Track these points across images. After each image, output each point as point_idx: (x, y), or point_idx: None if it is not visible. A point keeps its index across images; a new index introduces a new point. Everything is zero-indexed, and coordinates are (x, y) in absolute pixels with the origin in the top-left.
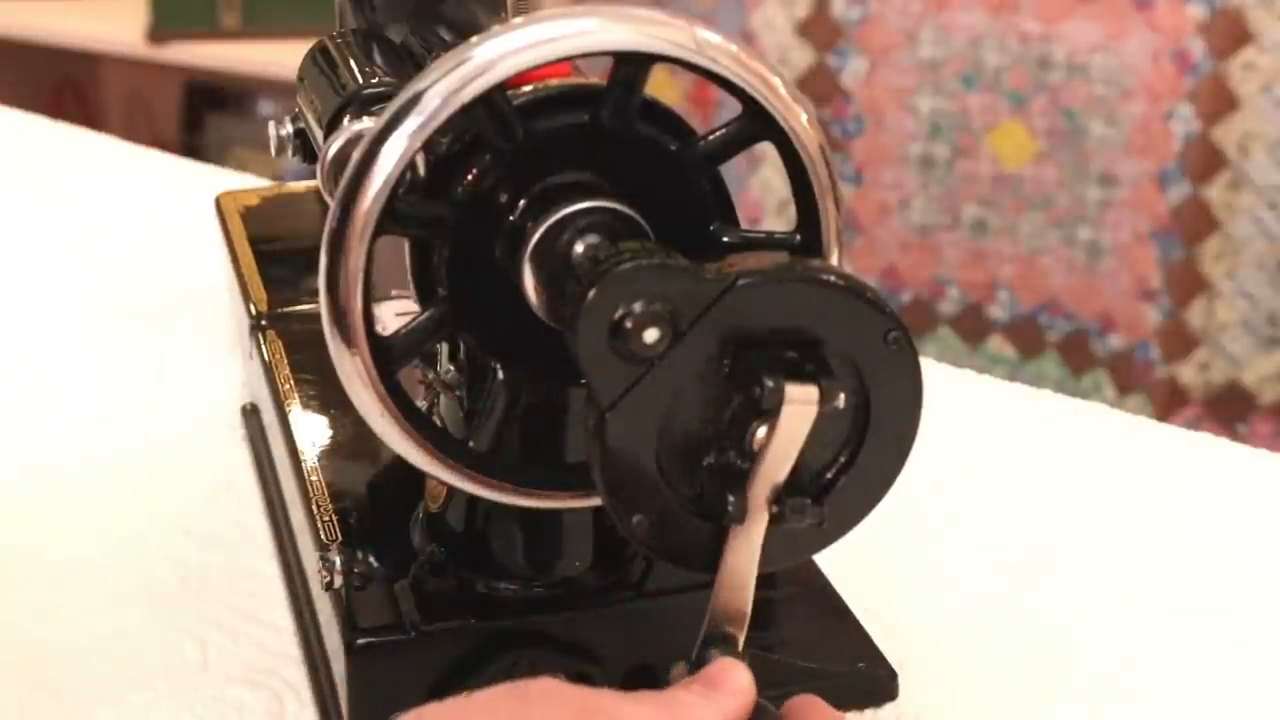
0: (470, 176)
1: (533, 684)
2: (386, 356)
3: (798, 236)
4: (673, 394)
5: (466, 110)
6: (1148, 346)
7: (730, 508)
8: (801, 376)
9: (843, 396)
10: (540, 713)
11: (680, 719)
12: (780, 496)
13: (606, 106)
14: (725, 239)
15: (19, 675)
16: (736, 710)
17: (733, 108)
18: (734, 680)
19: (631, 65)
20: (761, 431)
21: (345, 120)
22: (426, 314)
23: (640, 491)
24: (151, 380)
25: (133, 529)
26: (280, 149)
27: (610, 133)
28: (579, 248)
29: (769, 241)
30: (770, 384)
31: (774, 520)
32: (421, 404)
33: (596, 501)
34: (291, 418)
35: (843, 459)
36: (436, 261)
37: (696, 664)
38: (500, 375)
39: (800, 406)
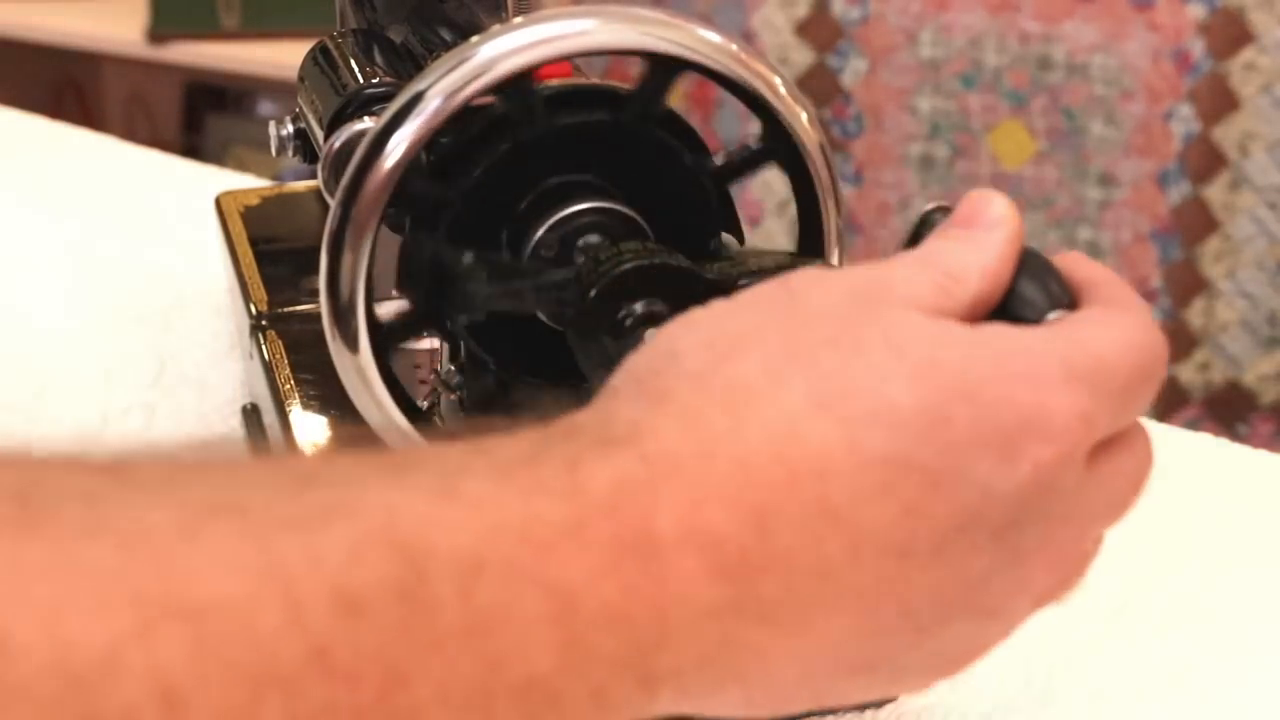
0: (479, 170)
1: (794, 275)
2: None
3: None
4: None
5: (498, 89)
6: None
7: None
8: None
9: None
10: (813, 303)
11: (949, 270)
12: None
13: (630, 109)
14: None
15: None
16: (1005, 243)
17: (733, 107)
18: (991, 210)
19: (661, 70)
20: None
21: (346, 120)
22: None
23: None
24: (151, 380)
25: None
26: (280, 149)
27: (629, 136)
28: (580, 247)
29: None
30: None
31: None
32: (422, 404)
33: None
34: (292, 418)
35: None
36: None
37: (917, 234)
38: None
39: None
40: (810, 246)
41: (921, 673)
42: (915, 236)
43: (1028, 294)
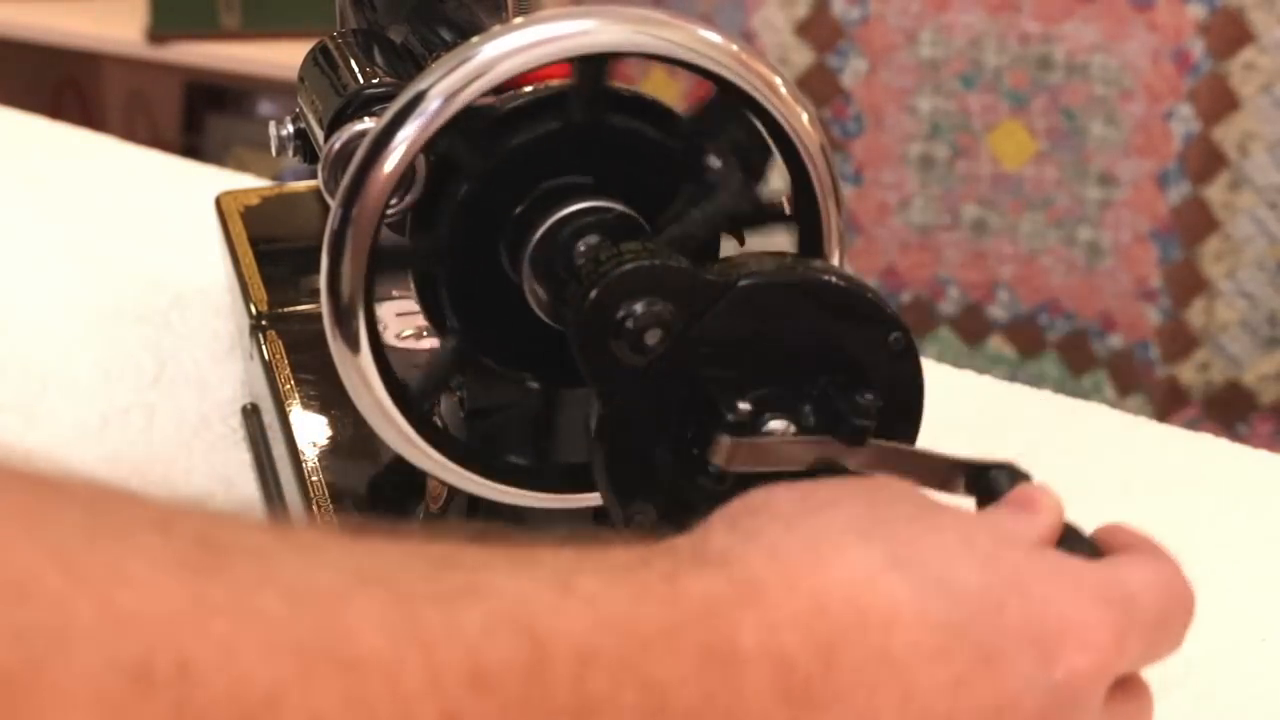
0: (460, 196)
1: (877, 480)
2: (409, 398)
3: (784, 200)
4: (673, 395)
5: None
6: (1148, 346)
7: None
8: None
9: (785, 424)
10: (893, 492)
11: (1004, 535)
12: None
13: (574, 107)
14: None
15: None
16: (1051, 526)
17: None
18: (1043, 499)
19: (589, 64)
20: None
21: (346, 120)
22: (443, 349)
23: (641, 491)
24: (151, 380)
25: None
26: (280, 149)
27: (586, 130)
28: (579, 248)
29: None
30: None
31: (861, 432)
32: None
33: (597, 501)
34: (291, 418)
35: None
36: (441, 291)
37: (986, 496)
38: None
39: (730, 454)
40: (810, 246)
41: None
42: (979, 483)
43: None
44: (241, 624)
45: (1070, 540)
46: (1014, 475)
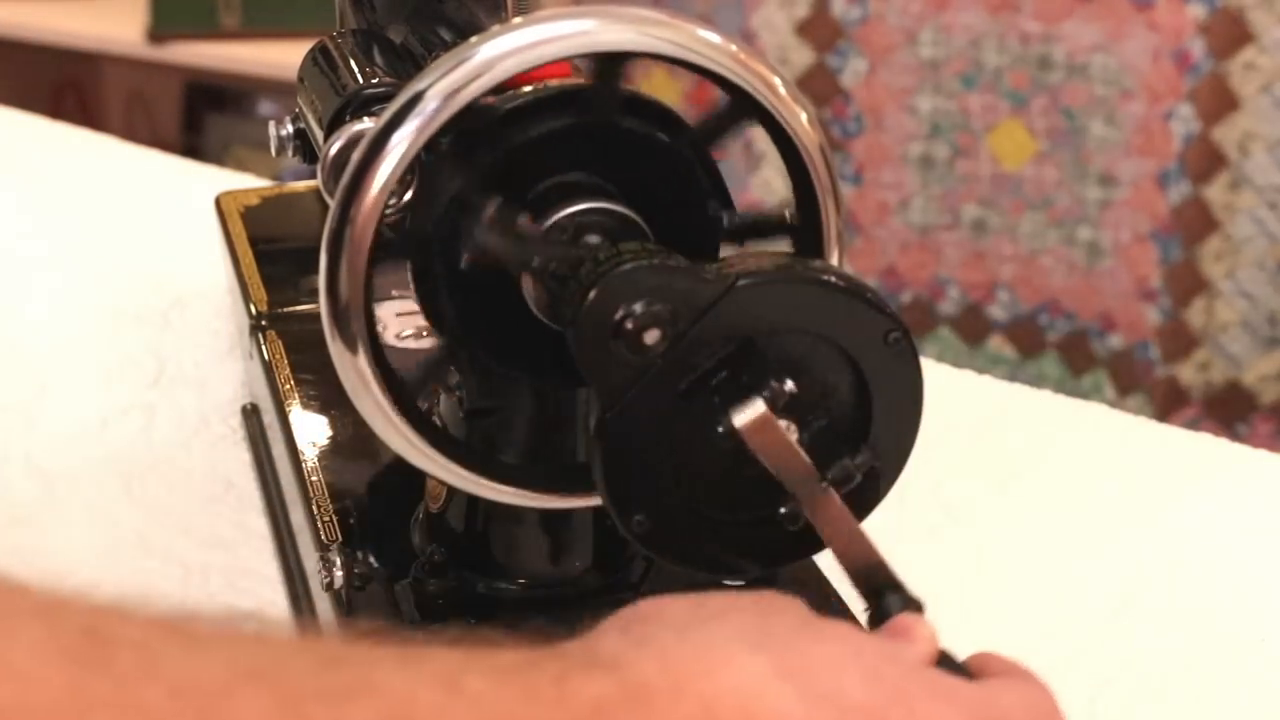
0: (458, 191)
1: (766, 595)
2: (402, 388)
3: (787, 212)
4: (672, 394)
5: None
6: (1148, 346)
7: (786, 517)
8: (739, 395)
9: (789, 384)
10: (781, 605)
11: (888, 652)
12: (822, 469)
13: (589, 105)
14: (724, 222)
15: None
16: (927, 654)
17: None
18: (919, 629)
19: (611, 62)
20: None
21: (346, 120)
22: (439, 342)
23: (641, 492)
24: (151, 380)
25: (133, 529)
26: (280, 149)
27: (597, 130)
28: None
29: (760, 219)
30: (723, 428)
31: (839, 486)
32: (422, 404)
33: (597, 501)
34: (291, 418)
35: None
36: (440, 285)
37: (877, 617)
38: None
39: (758, 424)
40: (810, 246)
41: None
42: (873, 603)
43: None
44: (123, 718)
45: (944, 665)
46: (905, 601)
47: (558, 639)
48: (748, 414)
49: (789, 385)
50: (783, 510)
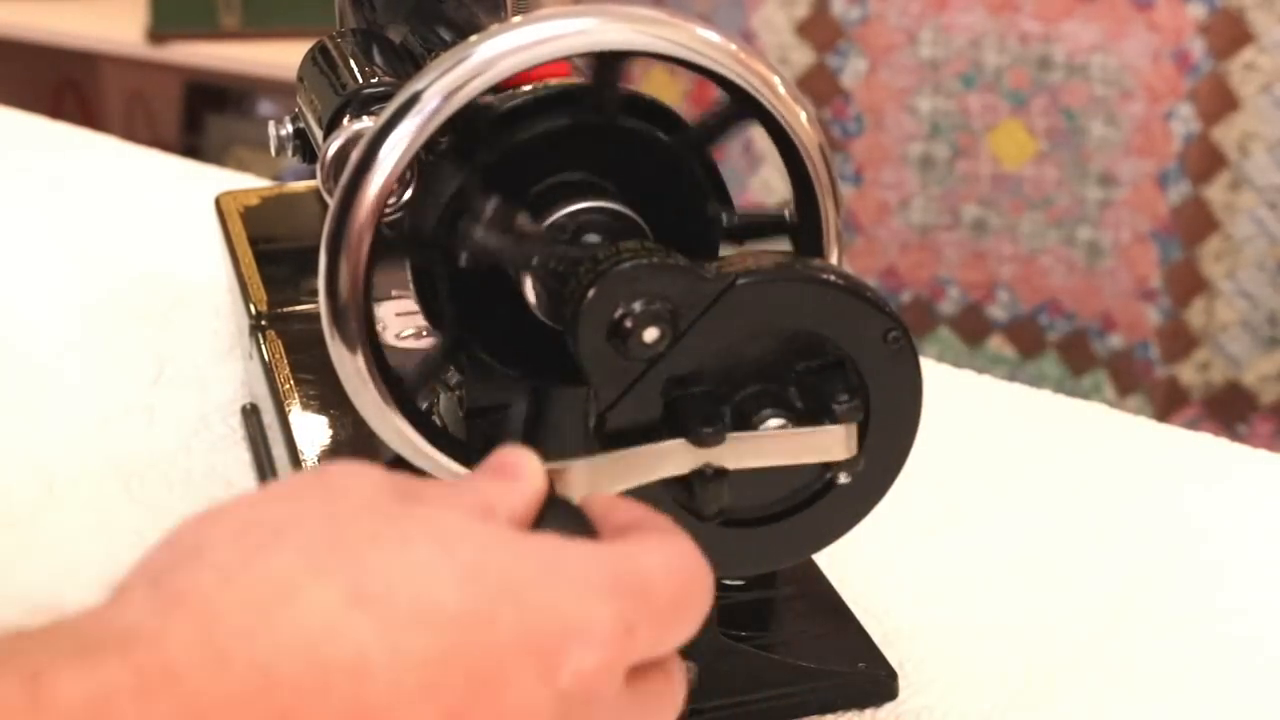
0: (458, 191)
1: (332, 467)
2: (401, 388)
3: (786, 211)
4: (671, 393)
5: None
6: (1148, 346)
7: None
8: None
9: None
10: (352, 495)
11: (486, 501)
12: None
13: (589, 104)
14: (723, 221)
15: None
16: (533, 491)
17: None
18: (525, 464)
19: (610, 61)
20: None
21: (345, 120)
22: (438, 341)
23: (639, 489)
24: (151, 380)
25: (133, 529)
26: (280, 149)
27: (596, 130)
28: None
29: (760, 218)
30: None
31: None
32: (422, 404)
33: None
34: (291, 418)
35: None
36: (439, 284)
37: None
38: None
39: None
40: (810, 246)
41: None
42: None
43: (547, 530)
44: None
45: (556, 512)
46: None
47: None
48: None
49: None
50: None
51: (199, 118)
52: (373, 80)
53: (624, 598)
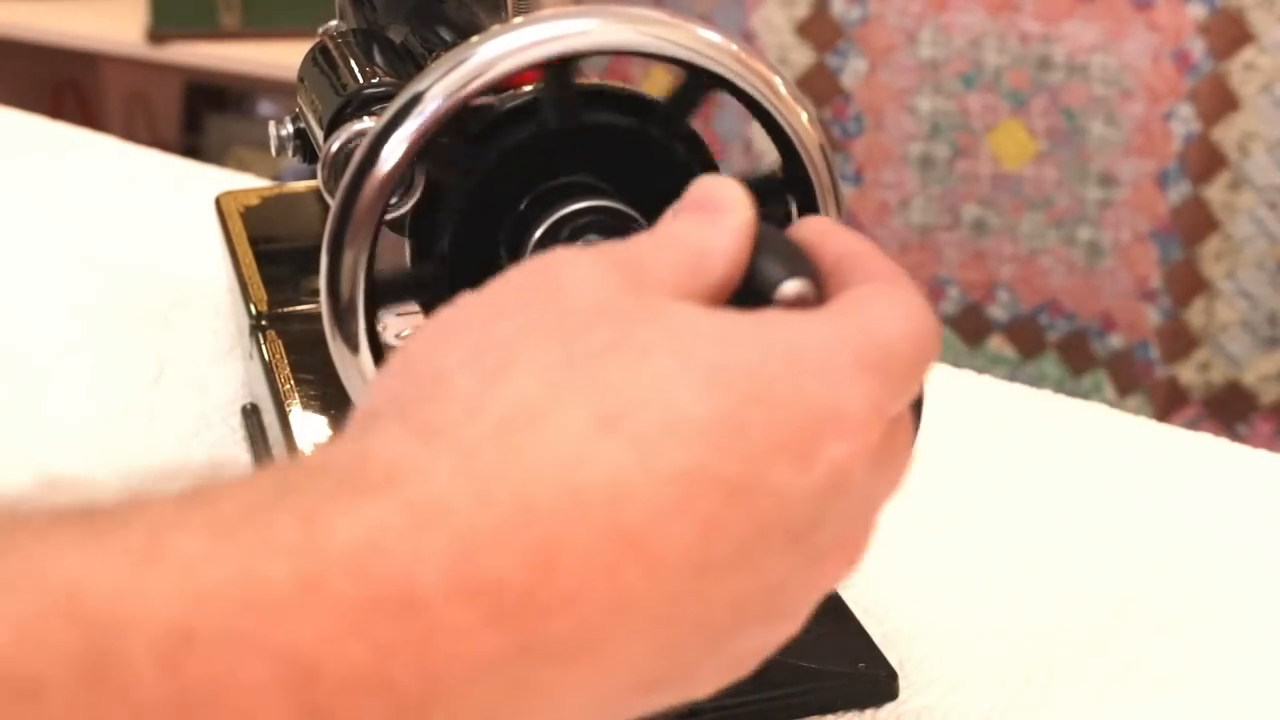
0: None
1: (550, 259)
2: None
3: (779, 174)
4: None
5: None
6: (1148, 346)
7: None
8: None
9: None
10: (580, 294)
11: (697, 249)
12: None
13: (543, 111)
14: None
15: None
16: (743, 225)
17: (733, 107)
18: (724, 194)
19: (558, 67)
20: None
21: (346, 120)
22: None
23: None
24: (151, 380)
25: None
26: (280, 149)
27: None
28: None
29: (753, 181)
30: None
31: None
32: None
33: None
34: (292, 418)
35: None
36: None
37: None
38: None
39: None
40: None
41: (713, 679)
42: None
43: (766, 270)
44: None
45: (770, 245)
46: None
47: None
48: None
49: None
50: None
51: (199, 118)
52: (374, 80)
53: (870, 376)
